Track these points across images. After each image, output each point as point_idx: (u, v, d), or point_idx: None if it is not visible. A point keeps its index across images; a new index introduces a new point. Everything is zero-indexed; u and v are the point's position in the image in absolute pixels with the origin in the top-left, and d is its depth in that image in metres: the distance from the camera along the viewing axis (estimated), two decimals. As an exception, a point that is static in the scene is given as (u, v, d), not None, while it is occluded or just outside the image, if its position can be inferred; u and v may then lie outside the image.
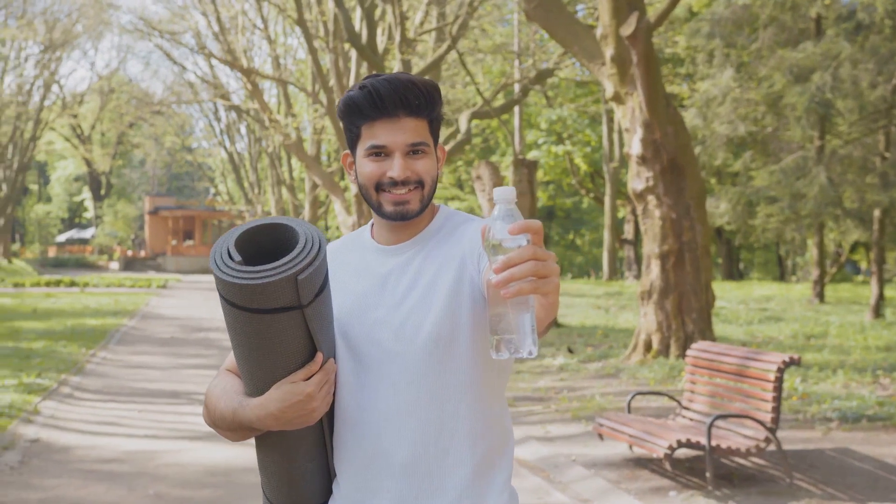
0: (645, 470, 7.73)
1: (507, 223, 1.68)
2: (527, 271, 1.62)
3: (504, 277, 1.63)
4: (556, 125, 39.04)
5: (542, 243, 1.68)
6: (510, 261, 1.63)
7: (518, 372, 13.17)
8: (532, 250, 1.64)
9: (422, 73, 23.93)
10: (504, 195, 1.72)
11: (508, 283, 1.63)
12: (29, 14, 58.54)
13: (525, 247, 1.65)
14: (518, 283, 1.63)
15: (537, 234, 1.66)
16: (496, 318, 1.71)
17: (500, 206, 1.71)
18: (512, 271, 1.62)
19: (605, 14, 13.43)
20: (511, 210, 1.71)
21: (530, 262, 1.63)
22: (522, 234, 1.66)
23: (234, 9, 42.39)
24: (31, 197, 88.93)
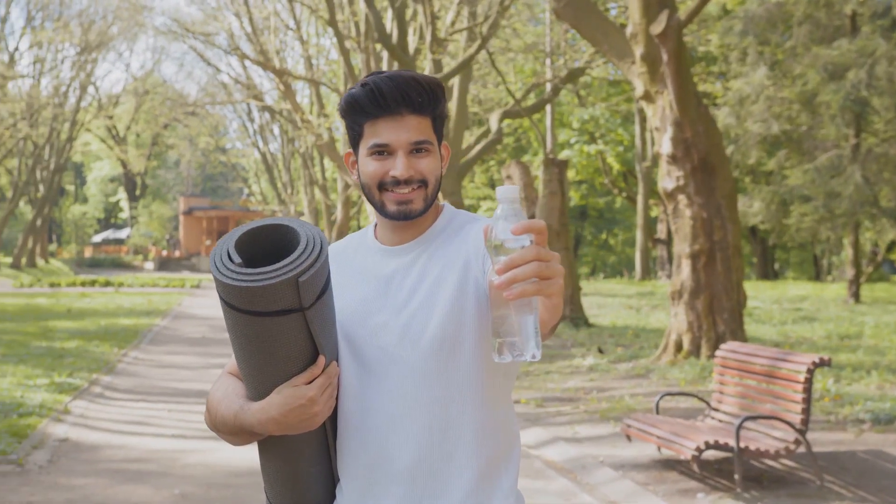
0: (673, 472, 7.66)
1: (510, 223, 1.64)
2: (530, 272, 1.58)
3: (507, 279, 1.59)
4: (588, 124, 38.87)
5: (545, 243, 1.64)
6: (513, 262, 1.59)
7: (547, 372, 13.12)
8: (535, 251, 1.60)
9: (452, 73, 23.91)
10: (507, 194, 1.67)
11: (511, 285, 1.59)
12: (65, 16, 59.11)
13: (528, 247, 1.61)
14: (521, 285, 1.59)
15: (541, 235, 1.63)
16: (499, 321, 1.67)
17: (503, 206, 1.67)
18: (515, 272, 1.59)
19: (634, 12, 13.33)
20: (514, 209, 1.66)
21: (533, 264, 1.59)
22: (526, 235, 1.62)
23: (266, 10, 42.57)
24: (68, 198, 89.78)
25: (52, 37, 55.41)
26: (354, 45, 33.10)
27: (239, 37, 45.60)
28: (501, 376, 2.03)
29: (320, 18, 33.77)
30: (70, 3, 59.44)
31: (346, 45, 32.17)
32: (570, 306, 18.31)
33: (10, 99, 52.18)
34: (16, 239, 72.63)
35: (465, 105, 27.72)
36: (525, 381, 12.64)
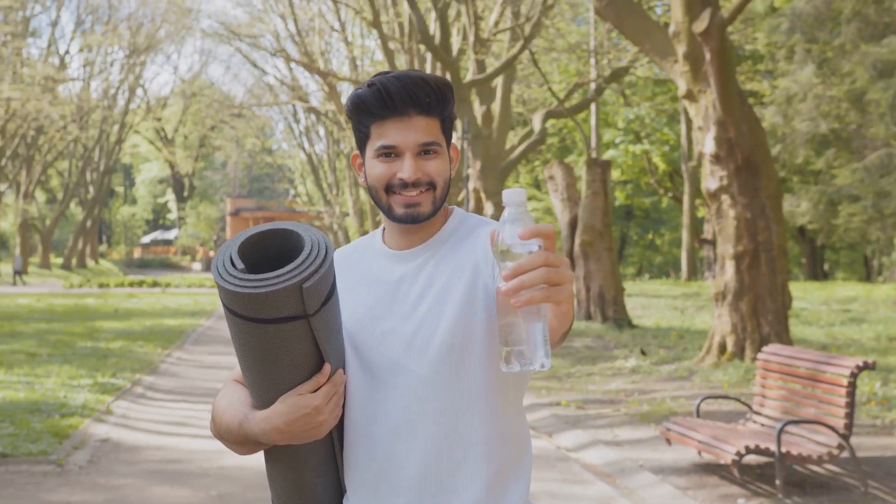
0: (714, 476, 7.55)
1: (518, 227, 1.59)
2: (538, 279, 1.53)
3: (514, 285, 1.54)
4: (633, 124, 38.63)
5: (554, 248, 1.58)
6: (520, 268, 1.54)
7: (589, 374, 13.02)
8: (544, 256, 1.54)
9: (495, 73, 23.86)
10: (513, 197, 1.62)
11: (519, 292, 1.54)
12: (114, 20, 59.79)
13: (536, 253, 1.56)
14: (529, 292, 1.54)
15: (549, 239, 1.57)
16: (506, 329, 1.62)
17: (510, 209, 1.61)
18: (522, 279, 1.54)
19: (677, 11, 13.20)
20: (521, 213, 1.61)
21: (542, 269, 1.54)
22: (534, 240, 1.57)
23: (311, 11, 42.76)
24: (118, 199, 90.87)
25: (101, 40, 56.08)
26: (398, 46, 33.17)
27: (284, 38, 45.85)
28: (512, 385, 1.98)
29: (364, 20, 33.85)
30: (119, 7, 60.11)
31: (389, 47, 32.23)
32: (614, 307, 18.19)
33: (61, 102, 52.85)
34: (67, 240, 73.65)
35: (509, 105, 27.66)
36: (566, 382, 12.56)
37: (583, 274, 18.42)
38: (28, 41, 55.49)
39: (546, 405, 10.98)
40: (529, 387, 12.36)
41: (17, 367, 13.29)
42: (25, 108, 46.08)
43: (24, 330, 19.56)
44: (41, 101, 46.04)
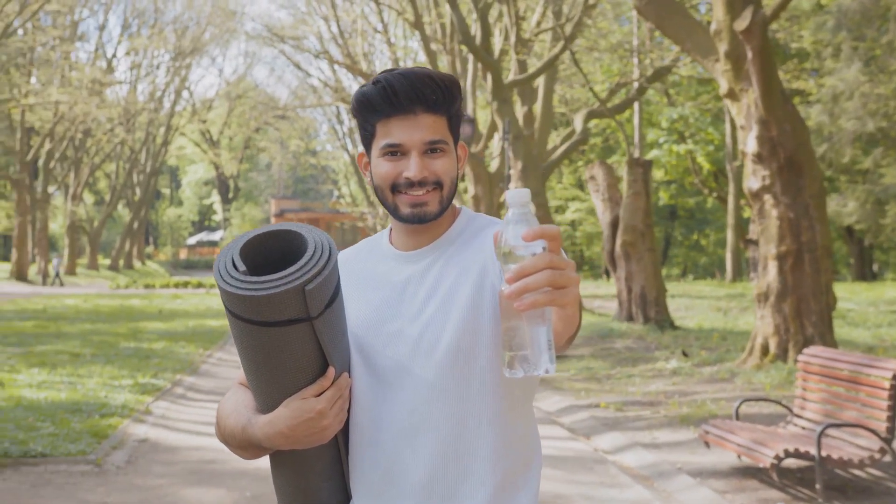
0: (753, 480, 7.45)
1: (521, 229, 1.53)
2: (542, 281, 1.48)
3: (517, 288, 1.48)
4: (677, 124, 38.30)
5: (559, 250, 1.53)
6: (523, 270, 1.49)
7: (629, 376, 12.92)
8: (548, 258, 1.49)
9: (537, 73, 23.78)
10: (517, 197, 1.56)
11: (522, 295, 1.48)
12: (160, 23, 60.36)
13: (540, 254, 1.50)
14: (532, 295, 1.48)
15: (554, 241, 1.51)
16: (509, 333, 1.56)
17: (514, 210, 1.56)
18: (526, 282, 1.48)
19: (718, 9, 13.06)
20: (525, 214, 1.55)
21: (546, 272, 1.48)
22: (537, 241, 1.51)
23: (353, 13, 42.90)
24: (164, 200, 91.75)
25: (147, 43, 56.62)
26: (440, 47, 33.18)
27: (327, 40, 46.03)
28: (520, 389, 1.93)
29: (406, 21, 33.90)
30: (165, 10, 60.66)
31: (431, 48, 32.24)
32: (656, 308, 18.04)
33: (108, 104, 53.43)
34: (114, 241, 74.48)
35: (551, 105, 27.57)
36: (606, 384, 12.47)
37: (624, 275, 18.29)
38: (76, 45, 56.16)
39: (585, 407, 10.90)
40: (568, 388, 12.28)
41: (60, 368, 13.43)
42: (73, 111, 46.62)
43: (70, 330, 19.78)
44: (89, 104, 46.55)
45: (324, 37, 46.54)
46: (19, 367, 13.48)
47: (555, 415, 10.93)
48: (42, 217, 52.94)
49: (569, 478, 7.69)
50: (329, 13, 42.91)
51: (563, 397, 11.70)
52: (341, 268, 2.08)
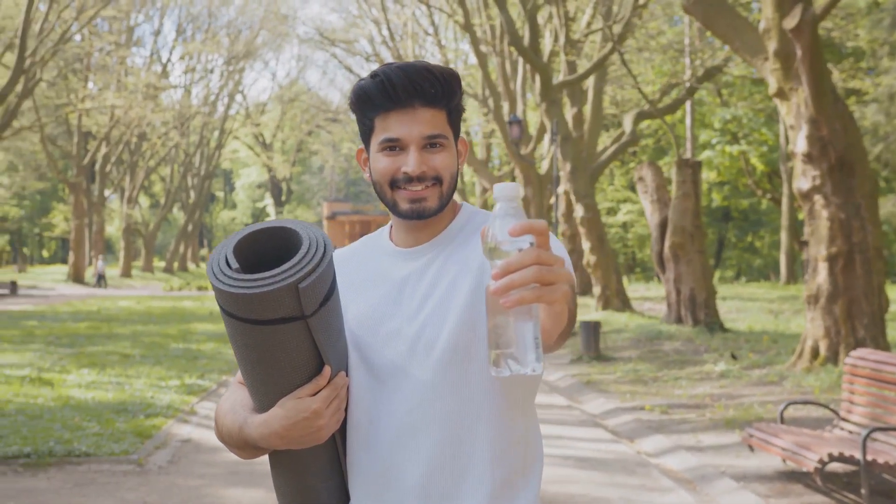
0: (798, 484, 7.33)
1: (508, 223, 1.48)
2: (529, 277, 1.42)
3: (503, 284, 1.43)
4: (730, 124, 37.89)
5: (548, 245, 1.47)
6: (510, 266, 1.44)
7: (676, 378, 12.79)
8: (535, 254, 1.43)
9: (586, 74, 23.66)
10: (505, 192, 1.51)
11: (508, 291, 1.43)
12: (213, 28, 60.96)
13: (527, 250, 1.45)
14: (519, 291, 1.43)
15: (542, 236, 1.46)
16: (495, 331, 1.50)
17: (501, 204, 1.51)
18: (512, 278, 1.43)
19: (767, 7, 12.89)
20: (513, 208, 1.50)
21: (533, 268, 1.42)
22: (525, 236, 1.46)
23: (404, 16, 43.01)
24: (218, 203, 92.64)
25: (201, 48, 57.19)
26: (490, 48, 33.14)
27: (378, 43, 46.20)
28: (521, 388, 1.89)
29: (456, 23, 33.93)
30: (218, 15, 61.26)
31: (481, 49, 32.20)
32: (705, 311, 17.85)
33: (163, 108, 54.04)
34: (169, 244, 75.32)
35: (601, 107, 27.43)
36: (652, 387, 12.36)
37: (673, 276, 18.12)
38: (132, 50, 56.88)
39: (629, 410, 10.81)
40: (613, 391, 12.19)
41: (109, 368, 13.58)
42: (128, 115, 47.22)
43: (121, 332, 20.01)
44: (143, 108, 47.12)
45: (375, 40, 46.76)
46: (70, 367, 13.66)
47: (599, 417, 10.85)
48: (98, 220, 53.70)
49: (609, 480, 7.61)
50: (380, 16, 43.06)
51: (607, 399, 11.61)
52: (342, 265, 2.06)
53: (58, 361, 14.35)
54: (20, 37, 36.35)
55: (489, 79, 33.26)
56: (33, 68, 38.36)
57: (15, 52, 37.93)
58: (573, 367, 14.79)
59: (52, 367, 13.72)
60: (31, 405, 10.40)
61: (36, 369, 13.30)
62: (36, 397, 10.92)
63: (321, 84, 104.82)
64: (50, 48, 38.84)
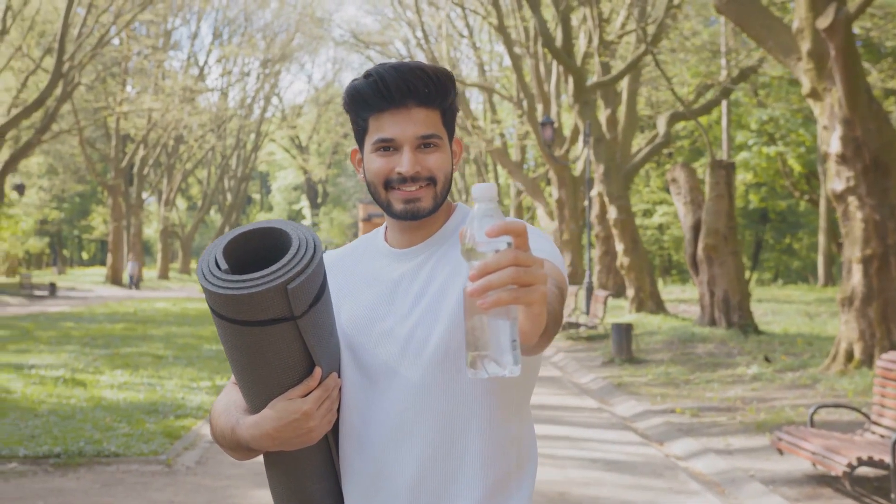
0: (828, 488, 7.25)
1: (486, 224, 1.46)
2: (506, 279, 1.39)
3: (480, 286, 1.40)
4: (767, 125, 37.59)
5: (526, 247, 1.44)
6: (486, 267, 1.41)
7: (707, 381, 12.69)
8: (512, 255, 1.40)
9: (620, 75, 23.57)
10: (483, 192, 1.49)
11: (485, 293, 1.40)
12: (249, 31, 61.31)
13: (504, 251, 1.42)
14: (496, 293, 1.40)
15: (520, 237, 1.43)
16: (472, 332, 1.48)
17: (479, 205, 1.49)
18: (489, 279, 1.40)
19: (801, 7, 12.77)
20: (491, 210, 1.48)
21: (510, 269, 1.39)
22: (502, 237, 1.44)
23: (438, 18, 43.05)
24: (254, 205, 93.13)
25: (237, 51, 57.54)
26: (524, 50, 33.10)
27: (413, 46, 46.28)
28: (515, 389, 1.88)
29: (491, 24, 33.92)
30: (254, 18, 61.60)
31: (515, 51, 32.16)
32: (739, 313, 17.71)
33: (199, 111, 54.42)
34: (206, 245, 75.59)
35: (635, 108, 27.31)
36: (683, 389, 12.28)
37: (706, 278, 18.00)
38: (169, 54, 57.32)
39: (660, 412, 10.74)
40: (644, 393, 12.12)
41: (142, 369, 13.69)
42: (166, 118, 47.60)
43: (156, 333, 20.17)
44: (181, 111, 47.49)
45: (409, 42, 46.84)
46: (103, 368, 13.79)
47: (629, 420, 10.80)
48: (136, 222, 54.13)
49: (636, 483, 7.57)
50: (414, 18, 43.13)
51: (638, 402, 11.55)
52: (336, 266, 2.05)
53: (92, 362, 14.48)
54: (59, 41, 36.77)
55: (523, 80, 33.20)
56: (72, 72, 38.78)
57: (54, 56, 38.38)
58: (605, 369, 14.73)
59: (86, 367, 13.85)
60: (64, 406, 10.51)
61: (70, 370, 13.44)
62: (69, 398, 11.03)
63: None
64: (88, 52, 39.27)
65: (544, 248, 1.81)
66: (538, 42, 29.68)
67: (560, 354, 17.36)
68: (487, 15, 33.89)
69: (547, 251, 1.80)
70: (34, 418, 9.72)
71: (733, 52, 27.22)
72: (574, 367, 15.52)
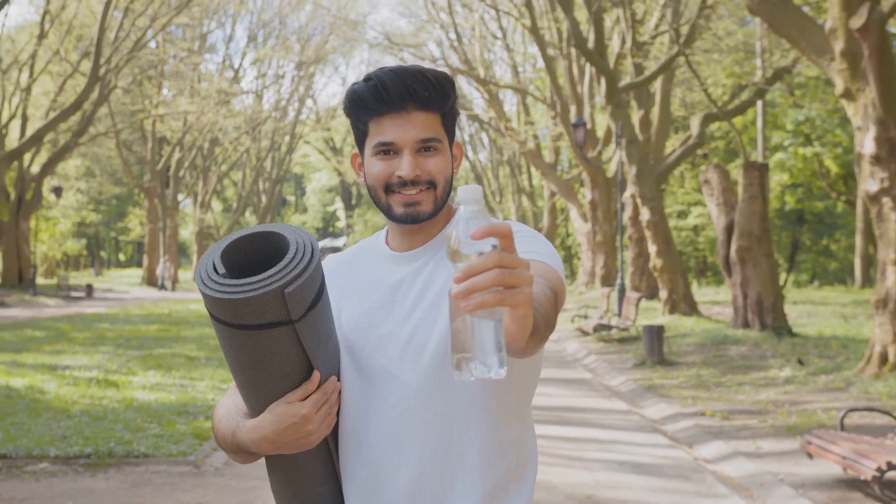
0: (858, 492, 7.18)
1: (471, 227, 1.44)
2: (490, 281, 1.38)
3: (464, 288, 1.39)
4: (803, 126, 37.26)
5: (512, 248, 1.43)
6: (471, 269, 1.39)
7: (739, 384, 12.60)
8: (496, 257, 1.39)
9: (652, 76, 23.47)
10: (468, 194, 1.48)
11: (470, 295, 1.39)
12: (284, 33, 61.58)
13: (489, 253, 1.41)
14: (480, 295, 1.39)
15: (505, 239, 1.42)
16: (457, 335, 1.47)
17: (464, 207, 1.47)
18: (473, 281, 1.38)
19: (834, 6, 12.66)
20: (476, 212, 1.47)
21: (494, 271, 1.38)
22: (487, 240, 1.43)
23: (472, 19, 43.04)
24: (289, 207, 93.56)
25: (272, 53, 57.82)
26: (556, 51, 33.03)
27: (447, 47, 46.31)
28: (514, 392, 1.88)
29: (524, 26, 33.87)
30: (288, 21, 61.86)
31: (548, 52, 32.10)
32: (773, 315, 17.56)
33: (234, 114, 54.75)
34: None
35: (668, 109, 27.18)
36: (714, 392, 12.20)
37: (740, 280, 17.86)
38: (205, 56, 57.70)
39: (690, 415, 10.68)
40: (675, 396, 12.06)
41: (174, 370, 13.79)
42: (201, 120, 47.94)
43: (189, 334, 20.31)
44: (216, 113, 47.81)
45: (443, 44, 46.89)
46: (136, 369, 13.90)
47: (658, 422, 10.74)
48: (172, 224, 54.53)
49: (664, 486, 7.53)
50: (448, 20, 43.16)
51: (668, 405, 11.49)
52: (338, 269, 2.07)
53: (125, 363, 14.60)
54: (95, 45, 37.13)
55: (556, 82, 33.13)
56: (108, 75, 39.15)
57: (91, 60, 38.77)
58: (635, 371, 14.66)
59: (120, 368, 13.97)
60: (96, 406, 10.61)
61: (104, 371, 13.56)
62: (101, 399, 11.13)
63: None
64: (124, 55, 39.61)
65: (540, 249, 1.81)
66: (571, 43, 29.60)
67: (591, 356, 17.30)
68: (521, 16, 33.88)
69: (543, 253, 1.80)
70: (66, 419, 9.82)
71: (768, 52, 27.02)
72: (605, 370, 15.46)
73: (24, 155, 41.14)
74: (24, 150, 39.84)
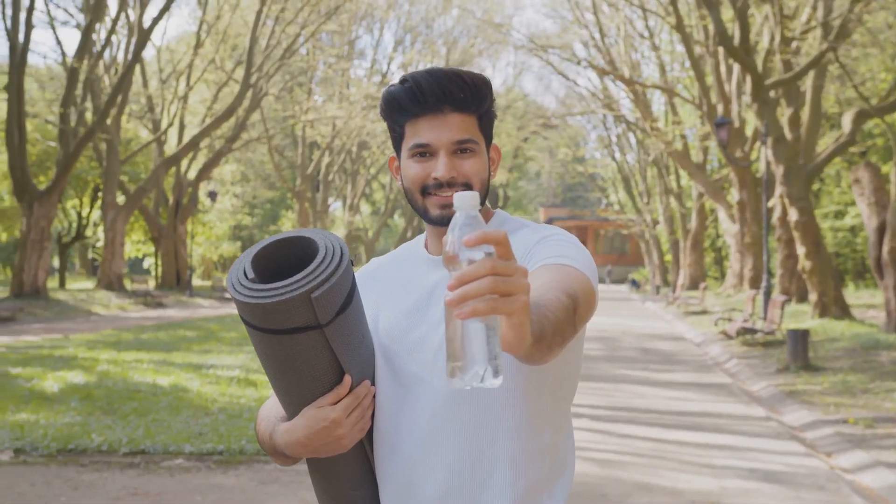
0: None
1: (465, 233, 1.41)
2: (484, 288, 1.34)
3: (457, 296, 1.35)
4: (966, 122, 35.52)
5: (508, 255, 1.38)
6: (464, 277, 1.35)
7: (888, 391, 12.09)
8: (490, 264, 1.34)
9: (799, 74, 22.77)
10: (464, 201, 1.44)
11: (463, 303, 1.35)
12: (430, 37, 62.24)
13: (482, 261, 1.36)
14: (473, 303, 1.35)
15: (500, 246, 1.37)
16: (451, 343, 1.43)
17: (460, 213, 1.44)
18: (465, 289, 1.34)
19: None
20: (470, 218, 1.43)
21: (488, 279, 1.34)
22: (480, 247, 1.39)
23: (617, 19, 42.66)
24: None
25: (419, 57, 58.50)
26: (703, 49, 32.41)
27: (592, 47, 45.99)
28: (546, 397, 1.84)
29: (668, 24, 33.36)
30: (435, 25, 62.48)
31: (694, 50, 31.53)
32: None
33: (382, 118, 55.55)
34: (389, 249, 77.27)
35: (819, 107, 26.32)
36: (860, 399, 11.74)
37: (893, 283, 17.15)
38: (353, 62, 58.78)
39: (831, 423, 10.30)
40: (818, 402, 11.66)
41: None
42: (349, 125, 48.85)
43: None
44: (363, 118, 48.65)
45: (588, 44, 46.56)
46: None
47: (797, 430, 10.40)
48: (322, 227, 55.73)
49: (794, 495, 7.28)
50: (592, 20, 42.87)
51: (810, 412, 11.11)
52: (376, 273, 2.07)
53: (267, 363, 14.95)
54: (247, 53, 38.27)
55: (702, 80, 32.51)
56: (260, 82, 40.29)
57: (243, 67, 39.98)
58: (778, 376, 14.23)
59: (260, 369, 14.33)
60: (234, 405, 10.91)
61: (245, 370, 13.94)
62: (239, 398, 11.45)
63: (537, 90, 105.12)
64: (275, 62, 40.68)
65: (570, 253, 1.77)
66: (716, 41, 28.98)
67: (733, 361, 16.89)
68: (667, 15, 33.36)
69: (572, 257, 1.75)
70: (205, 416, 10.13)
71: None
72: (746, 374, 15.06)
73: (181, 161, 42.75)
74: (182, 156, 41.41)
